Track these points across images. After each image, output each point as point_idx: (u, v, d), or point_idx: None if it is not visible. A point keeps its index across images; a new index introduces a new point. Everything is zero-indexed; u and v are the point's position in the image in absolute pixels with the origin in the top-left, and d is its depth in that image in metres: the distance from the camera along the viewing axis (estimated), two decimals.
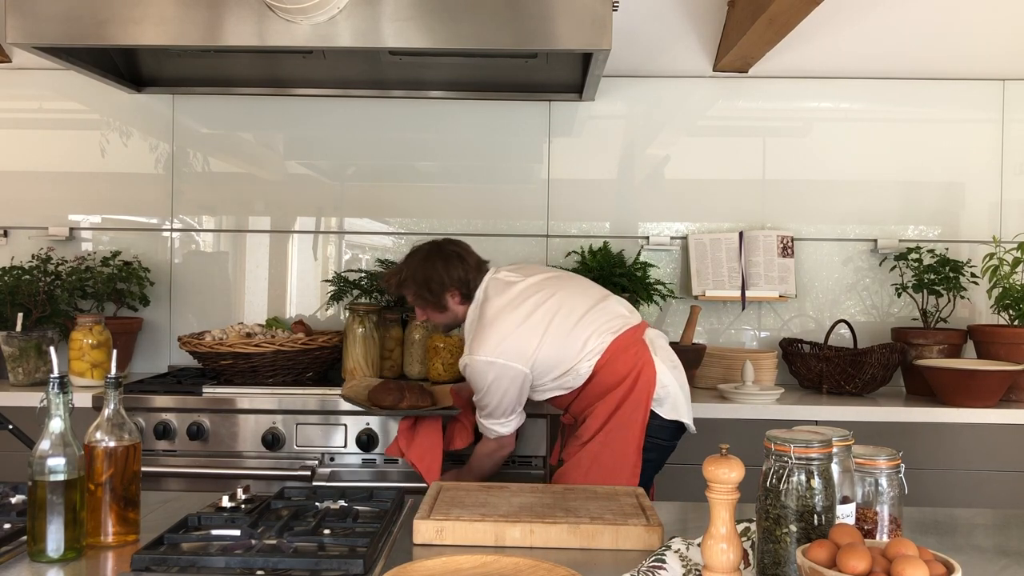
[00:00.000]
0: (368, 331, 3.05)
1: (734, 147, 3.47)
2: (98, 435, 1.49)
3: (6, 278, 3.16)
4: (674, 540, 1.40)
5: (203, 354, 2.90)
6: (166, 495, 1.84)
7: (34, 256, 3.29)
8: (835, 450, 1.34)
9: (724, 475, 1.25)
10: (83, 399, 2.76)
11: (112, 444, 1.49)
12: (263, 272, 3.52)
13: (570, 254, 3.40)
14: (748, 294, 3.34)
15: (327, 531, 1.55)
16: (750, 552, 1.39)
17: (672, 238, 3.47)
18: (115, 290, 3.31)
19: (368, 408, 2.65)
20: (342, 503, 1.70)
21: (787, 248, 3.35)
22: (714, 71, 3.41)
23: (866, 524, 1.41)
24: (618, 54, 3.05)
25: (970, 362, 3.03)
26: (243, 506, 1.65)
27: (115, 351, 1.67)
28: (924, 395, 3.07)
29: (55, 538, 1.39)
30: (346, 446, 2.80)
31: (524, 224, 3.47)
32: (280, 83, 3.42)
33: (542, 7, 2.50)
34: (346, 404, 2.75)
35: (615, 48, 2.63)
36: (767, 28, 2.80)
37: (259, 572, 1.35)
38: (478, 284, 2.58)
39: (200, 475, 2.74)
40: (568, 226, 3.47)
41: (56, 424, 1.41)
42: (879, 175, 3.45)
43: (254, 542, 1.46)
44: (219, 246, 3.55)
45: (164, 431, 2.79)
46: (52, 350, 1.56)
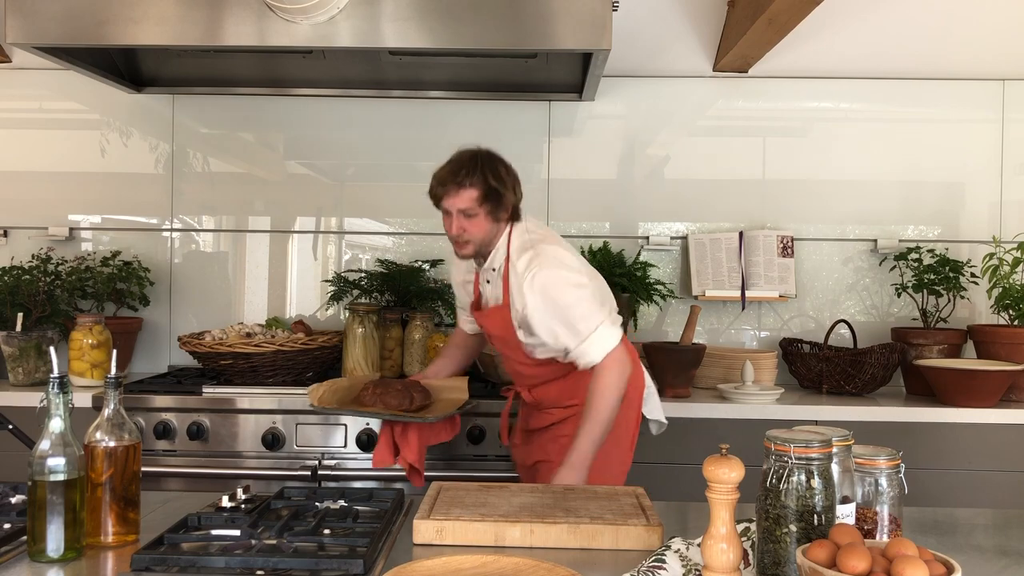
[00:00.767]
0: (368, 331, 3.05)
1: (734, 147, 3.47)
2: (98, 435, 1.49)
3: (6, 278, 3.16)
4: (674, 540, 1.40)
5: (203, 354, 2.90)
6: (166, 495, 1.84)
7: (34, 256, 3.29)
8: (835, 450, 1.34)
9: (724, 475, 1.25)
10: (83, 399, 2.76)
11: (112, 444, 1.49)
12: (263, 272, 3.52)
13: None
14: (748, 294, 3.34)
15: (327, 531, 1.55)
16: (750, 552, 1.39)
17: (672, 238, 3.47)
18: (115, 290, 3.31)
19: (376, 413, 2.37)
20: (342, 503, 1.70)
21: (787, 248, 3.35)
22: (714, 71, 3.41)
23: (866, 524, 1.41)
24: (618, 54, 3.05)
25: (970, 362, 3.03)
26: (243, 506, 1.65)
27: (115, 351, 1.67)
28: (924, 395, 3.07)
29: (55, 538, 1.39)
30: (346, 446, 2.80)
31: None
32: (280, 83, 3.42)
33: (542, 7, 2.50)
34: None
35: (615, 48, 2.63)
36: (767, 28, 2.81)
37: (259, 572, 1.35)
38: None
39: (200, 475, 2.74)
40: (568, 226, 3.46)
41: (56, 424, 1.41)
42: (879, 175, 3.45)
43: (254, 542, 1.46)
44: (219, 246, 3.55)
45: (164, 431, 2.79)
46: (52, 350, 1.56)
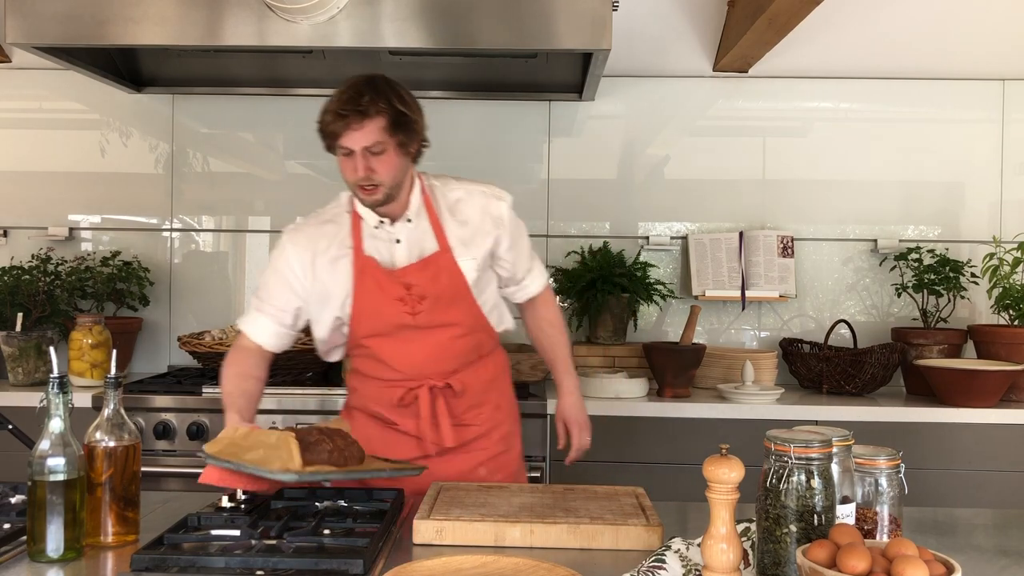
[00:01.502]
0: None
1: (734, 147, 3.47)
2: (98, 435, 1.49)
3: (6, 278, 3.16)
4: (674, 540, 1.40)
5: (203, 354, 2.90)
6: (166, 495, 1.84)
7: (34, 256, 3.29)
8: (835, 450, 1.34)
9: (724, 475, 1.25)
10: (83, 399, 2.75)
11: (112, 444, 1.49)
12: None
13: (570, 254, 3.40)
14: (748, 294, 3.34)
15: (327, 531, 1.54)
16: (750, 552, 1.39)
17: (672, 238, 3.47)
18: (115, 290, 3.31)
19: (378, 471, 1.76)
20: (342, 503, 1.70)
21: (787, 248, 3.35)
22: (714, 71, 3.41)
23: (866, 524, 1.41)
24: (618, 54, 3.05)
25: (970, 362, 3.03)
26: (243, 506, 1.65)
27: (115, 351, 1.67)
28: (924, 395, 3.07)
29: (55, 538, 1.39)
30: None
31: (524, 224, 3.46)
32: (280, 83, 3.41)
33: (542, 7, 2.50)
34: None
35: (615, 48, 2.63)
36: (767, 28, 2.80)
37: (259, 572, 1.35)
38: None
39: (200, 475, 2.74)
40: (568, 226, 3.46)
41: (56, 424, 1.41)
42: (879, 175, 3.44)
43: (254, 542, 1.46)
44: (219, 246, 3.54)
45: (164, 431, 2.79)
46: (52, 350, 1.56)
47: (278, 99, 3.47)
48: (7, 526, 1.54)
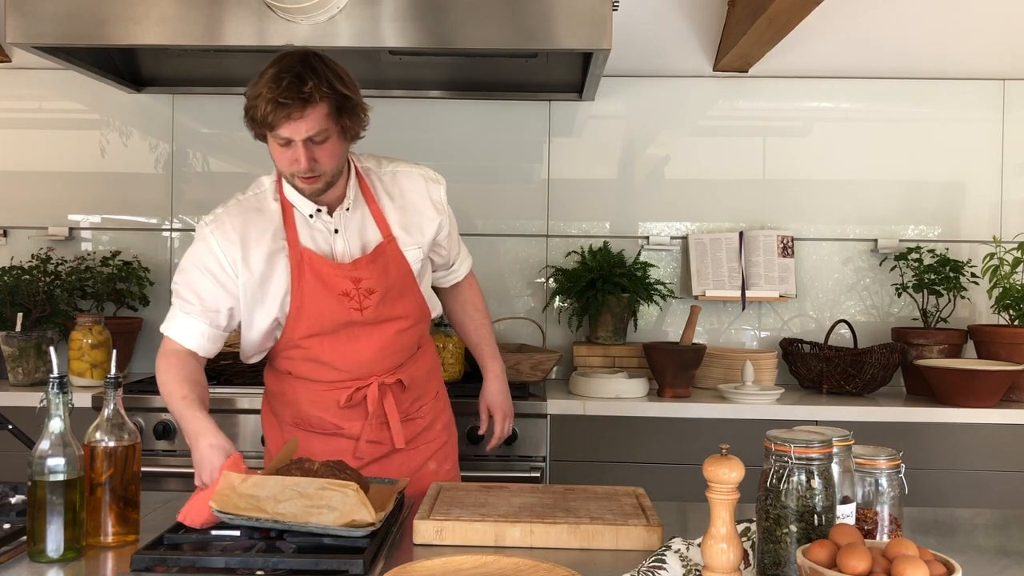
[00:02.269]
0: None
1: (734, 147, 3.47)
2: (98, 435, 1.49)
3: (6, 278, 3.16)
4: (674, 540, 1.40)
5: None
6: (166, 495, 1.84)
7: (34, 256, 3.29)
8: (835, 450, 1.34)
9: (724, 475, 1.25)
10: (83, 399, 2.75)
11: (112, 444, 1.49)
12: None
13: (570, 254, 3.40)
14: (748, 294, 3.34)
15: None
16: (750, 552, 1.39)
17: (672, 238, 3.47)
18: (115, 290, 3.31)
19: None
20: None
21: (787, 248, 3.35)
22: (714, 71, 3.41)
23: (866, 524, 1.41)
24: (618, 54, 3.05)
25: (970, 362, 3.03)
26: None
27: (115, 351, 1.68)
28: (924, 395, 3.07)
29: (55, 538, 1.39)
30: None
31: (524, 224, 3.47)
32: None
33: (542, 7, 2.50)
34: None
35: (615, 48, 2.63)
36: (767, 28, 2.80)
37: (259, 572, 1.35)
38: None
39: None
40: (568, 226, 3.46)
41: (56, 424, 1.41)
42: (879, 175, 3.44)
43: (254, 542, 1.46)
44: None
45: (164, 431, 2.79)
46: (52, 350, 1.56)
47: None
48: (7, 526, 1.54)
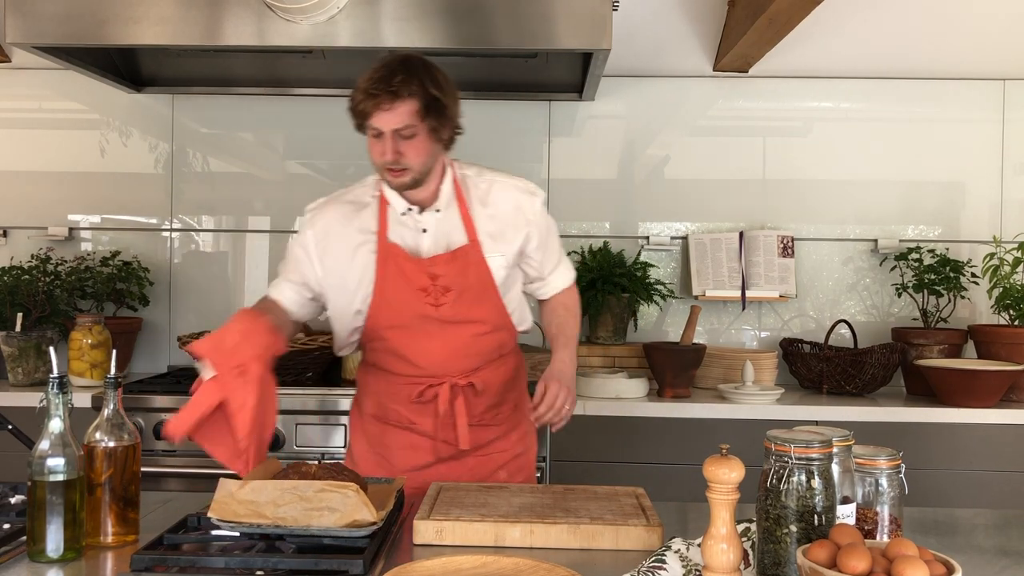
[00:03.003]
0: None
1: (734, 147, 3.47)
2: (98, 435, 1.49)
3: (6, 278, 3.16)
4: (674, 540, 1.40)
5: None
6: (166, 495, 1.84)
7: (34, 256, 3.29)
8: (835, 450, 1.34)
9: (724, 475, 1.25)
10: (83, 399, 2.75)
11: (112, 444, 1.49)
12: (263, 272, 3.52)
13: (570, 254, 3.39)
14: (748, 294, 3.34)
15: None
16: (750, 552, 1.39)
17: (672, 238, 3.47)
18: (115, 290, 3.31)
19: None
20: None
21: (787, 248, 3.35)
22: (714, 71, 3.41)
23: (866, 524, 1.41)
24: (618, 54, 3.05)
25: (970, 362, 3.03)
26: None
27: (115, 351, 1.68)
28: (924, 395, 3.07)
29: (55, 538, 1.39)
30: (346, 446, 2.79)
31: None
32: (280, 83, 3.41)
33: (542, 7, 2.50)
34: (346, 403, 2.75)
35: (615, 48, 2.63)
36: (767, 28, 2.80)
37: (259, 572, 1.35)
38: None
39: (200, 475, 2.74)
40: (568, 226, 3.46)
41: (55, 424, 1.41)
42: (879, 175, 3.44)
43: (254, 542, 1.46)
44: (219, 246, 3.54)
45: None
46: (52, 350, 1.56)
47: (278, 99, 3.47)
48: (7, 526, 1.54)
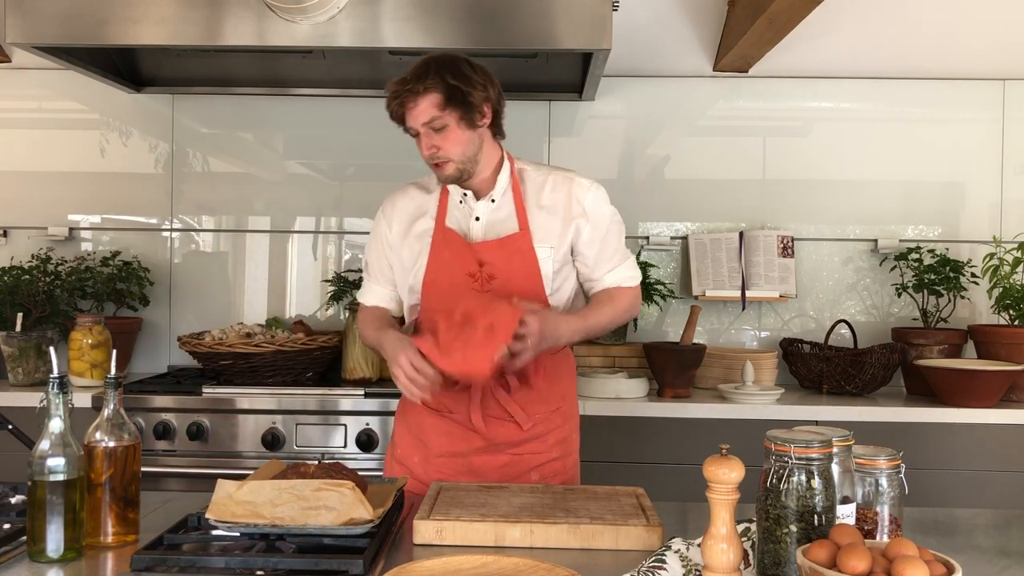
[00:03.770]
0: None
1: (734, 147, 3.47)
2: (98, 435, 1.49)
3: (6, 278, 3.16)
4: (674, 540, 1.40)
5: (203, 354, 2.90)
6: (166, 495, 1.84)
7: (34, 256, 3.29)
8: (835, 450, 1.34)
9: (724, 475, 1.25)
10: (83, 399, 2.75)
11: (112, 444, 1.49)
12: (263, 272, 3.52)
13: None
14: (748, 294, 3.34)
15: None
16: (750, 552, 1.39)
17: (672, 238, 3.47)
18: (115, 290, 3.31)
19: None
20: None
21: (787, 248, 3.35)
22: (714, 71, 3.41)
23: (866, 524, 1.41)
24: (618, 54, 3.05)
25: (970, 362, 3.03)
26: None
27: (115, 351, 1.67)
28: (924, 395, 3.07)
29: (55, 538, 1.39)
30: (346, 446, 2.80)
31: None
32: (280, 83, 3.41)
33: (542, 7, 2.50)
34: (346, 403, 2.77)
35: (615, 48, 2.63)
36: (767, 28, 2.81)
37: (259, 572, 1.35)
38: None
39: (200, 475, 2.74)
40: None
41: (56, 424, 1.41)
42: (879, 175, 3.44)
43: (254, 542, 1.46)
44: (219, 246, 3.54)
45: (164, 431, 2.79)
46: (52, 350, 1.56)
47: (278, 99, 3.47)
48: (7, 526, 1.54)
